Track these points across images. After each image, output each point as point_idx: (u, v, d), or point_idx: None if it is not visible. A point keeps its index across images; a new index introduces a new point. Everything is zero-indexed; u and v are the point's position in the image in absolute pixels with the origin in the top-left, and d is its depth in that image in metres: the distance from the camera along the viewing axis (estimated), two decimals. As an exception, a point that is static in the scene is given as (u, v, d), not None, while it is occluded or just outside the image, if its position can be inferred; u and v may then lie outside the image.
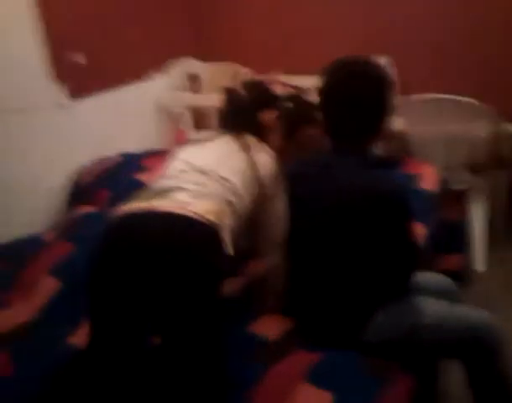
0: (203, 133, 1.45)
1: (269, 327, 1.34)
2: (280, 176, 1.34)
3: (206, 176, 1.24)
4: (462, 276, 2.14)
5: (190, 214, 1.11)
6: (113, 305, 1.11)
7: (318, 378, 1.14)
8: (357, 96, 1.26)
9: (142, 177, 2.05)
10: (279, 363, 1.21)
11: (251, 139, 1.35)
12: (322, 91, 1.34)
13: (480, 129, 2.32)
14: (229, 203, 1.21)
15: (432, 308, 1.28)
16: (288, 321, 1.37)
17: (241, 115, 1.43)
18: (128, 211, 1.16)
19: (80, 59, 2.23)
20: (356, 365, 1.18)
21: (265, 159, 1.32)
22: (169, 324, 1.09)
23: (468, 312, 1.28)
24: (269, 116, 1.46)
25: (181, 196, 1.17)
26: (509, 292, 2.27)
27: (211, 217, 1.12)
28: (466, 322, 1.25)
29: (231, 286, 1.60)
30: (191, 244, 1.09)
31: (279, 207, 1.35)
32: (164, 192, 1.20)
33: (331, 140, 1.36)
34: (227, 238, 1.14)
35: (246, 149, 1.31)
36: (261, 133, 1.40)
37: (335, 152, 1.34)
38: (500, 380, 1.25)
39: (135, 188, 1.86)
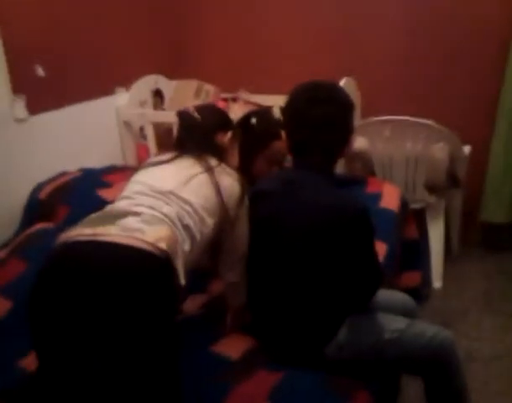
0: (165, 154, 1.41)
1: (232, 347, 1.33)
2: (244, 197, 1.34)
3: (165, 198, 1.21)
4: (420, 293, 2.19)
5: (138, 244, 1.04)
6: (52, 334, 1.03)
7: (281, 398, 1.14)
8: (322, 119, 1.29)
9: (103, 193, 2.00)
10: (241, 384, 1.20)
11: (213, 161, 1.34)
12: (286, 113, 1.37)
13: (438, 151, 2.40)
14: (185, 227, 1.18)
15: (392, 324, 1.30)
16: (250, 339, 1.37)
17: (198, 137, 1.42)
18: (70, 239, 1.08)
19: (40, 72, 2.17)
20: (318, 384, 1.18)
21: (229, 181, 1.31)
22: (116, 356, 1.02)
23: (427, 328, 1.31)
24: (224, 137, 1.47)
25: (131, 222, 1.10)
26: (465, 308, 2.34)
27: (163, 245, 1.06)
28: (424, 339, 1.27)
29: (193, 304, 1.59)
30: (137, 277, 1.02)
31: (243, 228, 1.34)
32: (113, 218, 1.12)
33: (294, 158, 1.39)
34: (179, 266, 1.10)
35: (209, 170, 1.30)
36: (220, 154, 1.40)
37: (298, 168, 1.36)
38: (456, 396, 1.29)
39: (96, 204, 1.83)
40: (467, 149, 2.55)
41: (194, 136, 1.43)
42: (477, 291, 2.48)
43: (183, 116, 1.50)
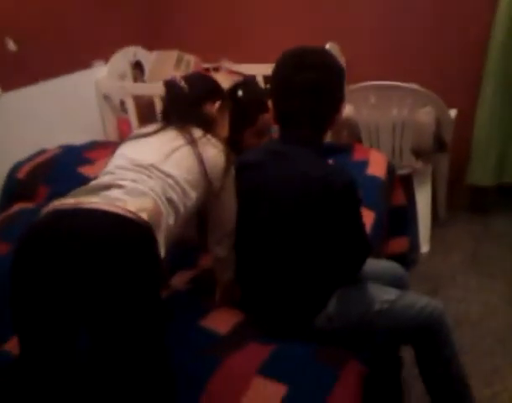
0: (148, 127, 1.37)
1: (221, 321, 1.32)
2: (230, 169, 1.30)
3: (147, 172, 1.18)
4: (408, 258, 2.20)
5: (119, 211, 1.03)
6: (35, 306, 1.01)
7: (271, 370, 1.13)
8: (310, 86, 1.23)
9: (85, 170, 1.96)
10: (231, 357, 1.19)
11: (197, 132, 1.30)
12: (273, 82, 1.31)
13: (424, 115, 2.38)
14: (169, 200, 1.16)
15: (382, 295, 1.30)
16: (240, 313, 1.36)
17: (183, 108, 1.37)
18: (51, 209, 1.07)
19: (11, 46, 2.09)
20: (309, 356, 1.18)
21: (213, 152, 1.28)
22: (101, 328, 1.01)
23: (417, 299, 1.30)
24: (213, 107, 1.42)
25: (114, 194, 1.10)
26: (452, 271, 2.36)
27: (144, 215, 1.05)
28: (414, 309, 1.27)
29: (181, 279, 1.57)
30: (118, 243, 1.00)
31: (229, 201, 1.32)
32: (97, 190, 1.12)
33: (281, 129, 1.34)
34: (160, 237, 1.08)
35: (192, 142, 1.26)
36: (207, 125, 1.35)
37: (285, 140, 1.32)
38: (446, 363, 1.30)
39: (78, 182, 1.78)
40: (453, 112, 2.53)
41: (179, 107, 1.38)
42: (464, 254, 2.49)
43: (169, 86, 1.44)
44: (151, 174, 1.18)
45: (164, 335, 1.08)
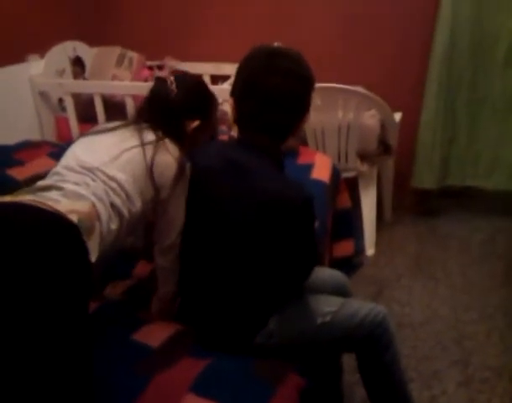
0: (112, 123, 1.30)
1: (153, 335, 1.24)
2: (181, 180, 1.23)
3: (91, 175, 1.13)
4: (353, 261, 2.20)
5: (45, 207, 0.96)
6: None
7: (203, 387, 1.07)
8: (278, 92, 1.17)
9: (14, 172, 1.83)
10: (162, 374, 1.12)
11: (155, 134, 1.23)
12: (238, 78, 1.23)
13: (369, 118, 2.38)
14: (112, 205, 1.11)
15: (324, 308, 1.26)
16: (174, 326, 1.29)
17: (157, 111, 1.29)
18: None
19: None
20: (245, 370, 1.13)
21: (164, 158, 1.20)
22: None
23: (359, 308, 1.27)
24: (189, 125, 1.33)
25: (51, 195, 1.05)
26: (397, 274, 2.38)
27: (72, 217, 0.98)
28: (357, 318, 1.23)
29: (115, 290, 1.49)
30: (33, 236, 0.91)
31: (177, 212, 1.25)
32: (36, 190, 1.07)
33: (239, 131, 1.25)
34: (92, 242, 1.02)
35: (144, 145, 1.20)
36: (177, 139, 1.27)
37: (244, 146, 1.23)
38: (387, 369, 1.28)
39: (6, 185, 1.67)
40: (397, 115, 2.55)
41: (156, 108, 1.31)
42: (408, 257, 2.53)
43: (157, 83, 1.35)
44: (95, 177, 1.13)
45: (89, 349, 0.99)
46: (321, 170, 2.04)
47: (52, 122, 2.56)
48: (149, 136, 1.23)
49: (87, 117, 2.40)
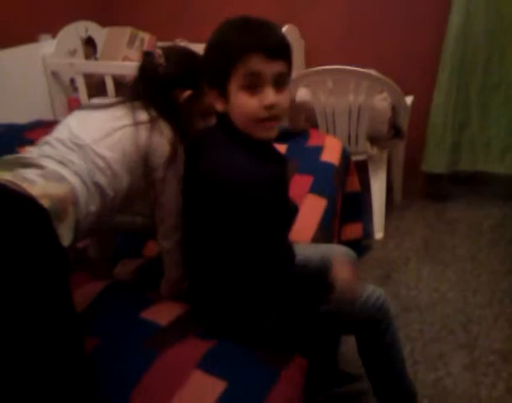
0: (107, 99, 1.29)
1: (162, 313, 1.26)
2: (174, 161, 1.22)
3: (80, 152, 1.12)
4: (361, 244, 2.21)
5: (18, 189, 0.96)
6: None
7: (211, 365, 1.09)
8: None
9: (24, 151, 1.84)
10: (170, 350, 1.14)
11: (149, 114, 1.22)
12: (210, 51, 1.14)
13: (380, 101, 2.37)
14: (96, 185, 1.11)
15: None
16: (183, 305, 1.31)
17: (150, 87, 1.27)
18: None
19: None
20: (250, 353, 1.13)
21: (157, 139, 1.20)
22: None
23: (362, 292, 1.26)
24: (181, 94, 1.29)
25: (29, 174, 1.03)
26: (405, 257, 2.38)
27: (44, 202, 0.98)
28: (360, 303, 1.23)
29: (124, 269, 1.51)
30: (4, 223, 0.90)
31: (171, 194, 1.25)
32: (16, 165, 1.05)
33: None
34: (63, 226, 1.02)
35: (137, 124, 1.19)
36: (169, 113, 1.24)
37: (220, 127, 1.19)
38: (386, 351, 1.29)
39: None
40: (409, 99, 2.53)
41: (147, 85, 1.29)
42: (417, 241, 2.52)
43: (145, 58, 1.32)
44: (84, 155, 1.12)
45: (75, 332, 1.00)
46: (331, 153, 2.04)
47: (64, 103, 2.58)
48: (142, 115, 1.21)
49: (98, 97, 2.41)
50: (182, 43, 2.79)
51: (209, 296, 1.25)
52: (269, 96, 1.04)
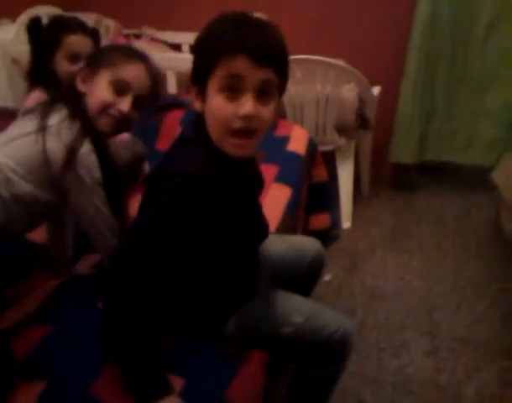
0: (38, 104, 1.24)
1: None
2: (77, 167, 1.13)
3: None
4: (329, 234, 2.21)
5: None
6: None
7: (168, 365, 1.03)
8: None
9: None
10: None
11: (59, 110, 1.15)
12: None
13: (347, 91, 2.37)
14: None
15: (291, 317, 1.13)
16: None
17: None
18: None
19: None
20: (208, 349, 1.11)
21: (53, 144, 1.11)
22: None
23: (328, 323, 1.14)
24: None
25: None
26: (372, 247, 2.41)
27: None
28: (322, 335, 1.13)
29: (84, 264, 1.48)
30: None
31: (77, 199, 1.17)
32: None
33: None
34: None
35: (40, 130, 1.12)
36: (75, 101, 1.17)
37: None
38: (323, 383, 1.20)
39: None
40: (376, 89, 2.54)
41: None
42: (384, 230, 2.55)
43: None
44: None
45: None
46: (297, 143, 2.03)
47: (25, 91, 2.49)
48: (54, 119, 1.14)
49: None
50: (148, 31, 2.74)
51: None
52: (248, 105, 0.90)
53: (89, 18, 2.54)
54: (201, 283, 1.08)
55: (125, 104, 1.17)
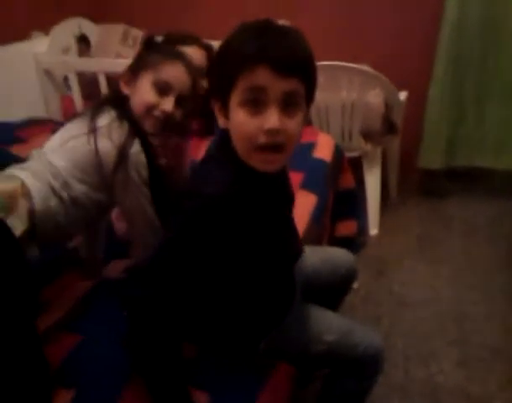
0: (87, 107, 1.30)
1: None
2: (128, 168, 1.16)
3: (38, 159, 1.16)
4: (356, 241, 2.19)
5: None
6: None
7: (193, 380, 1.03)
8: None
9: (15, 149, 1.85)
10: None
11: (105, 119, 1.18)
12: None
13: (374, 97, 2.35)
14: (48, 185, 1.13)
15: (323, 335, 1.12)
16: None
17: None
18: None
19: None
20: (233, 362, 1.10)
21: (104, 145, 1.15)
22: None
23: (360, 340, 1.13)
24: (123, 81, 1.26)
25: None
26: (399, 254, 2.37)
27: None
28: (354, 352, 1.12)
29: (115, 268, 1.51)
30: None
31: (129, 202, 1.21)
32: None
33: None
34: (14, 217, 1.03)
35: (91, 132, 1.16)
36: (118, 106, 1.22)
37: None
38: (358, 394, 1.19)
39: (7, 161, 1.69)
40: (403, 94, 2.51)
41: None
42: (412, 238, 2.51)
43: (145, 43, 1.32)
44: (41, 160, 1.16)
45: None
46: (323, 149, 2.03)
47: (57, 101, 2.57)
48: (102, 120, 1.18)
49: (92, 96, 2.40)
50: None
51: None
52: (272, 118, 0.86)
53: (117, 29, 2.60)
54: (233, 300, 1.07)
55: (168, 104, 1.21)
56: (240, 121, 0.89)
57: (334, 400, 1.18)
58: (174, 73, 1.23)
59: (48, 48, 2.49)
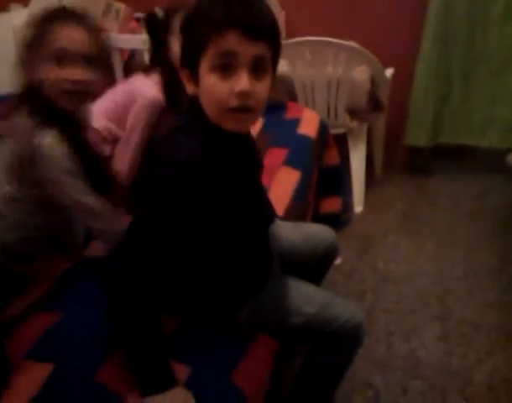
0: None
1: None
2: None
3: None
4: (341, 218, 2.20)
5: None
6: None
7: (175, 353, 1.02)
8: None
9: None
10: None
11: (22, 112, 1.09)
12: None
13: (359, 73, 2.34)
14: None
15: (302, 307, 1.12)
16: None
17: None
18: None
19: None
20: (215, 333, 1.10)
21: (48, 140, 1.06)
22: None
23: (340, 313, 1.13)
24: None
25: None
26: (384, 231, 2.39)
27: None
28: (334, 325, 1.12)
29: (98, 248, 1.49)
30: None
31: (68, 194, 1.13)
32: None
33: None
34: None
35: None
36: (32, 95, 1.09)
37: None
38: (336, 367, 1.20)
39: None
40: (389, 71, 2.50)
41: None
42: (397, 214, 2.53)
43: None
44: None
45: None
46: (308, 126, 2.01)
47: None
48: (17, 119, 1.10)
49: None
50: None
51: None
52: (243, 81, 0.87)
53: (100, 2, 2.53)
54: (209, 269, 1.07)
55: (74, 72, 1.08)
56: (211, 85, 0.90)
57: (313, 373, 1.19)
58: (69, 37, 1.08)
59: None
